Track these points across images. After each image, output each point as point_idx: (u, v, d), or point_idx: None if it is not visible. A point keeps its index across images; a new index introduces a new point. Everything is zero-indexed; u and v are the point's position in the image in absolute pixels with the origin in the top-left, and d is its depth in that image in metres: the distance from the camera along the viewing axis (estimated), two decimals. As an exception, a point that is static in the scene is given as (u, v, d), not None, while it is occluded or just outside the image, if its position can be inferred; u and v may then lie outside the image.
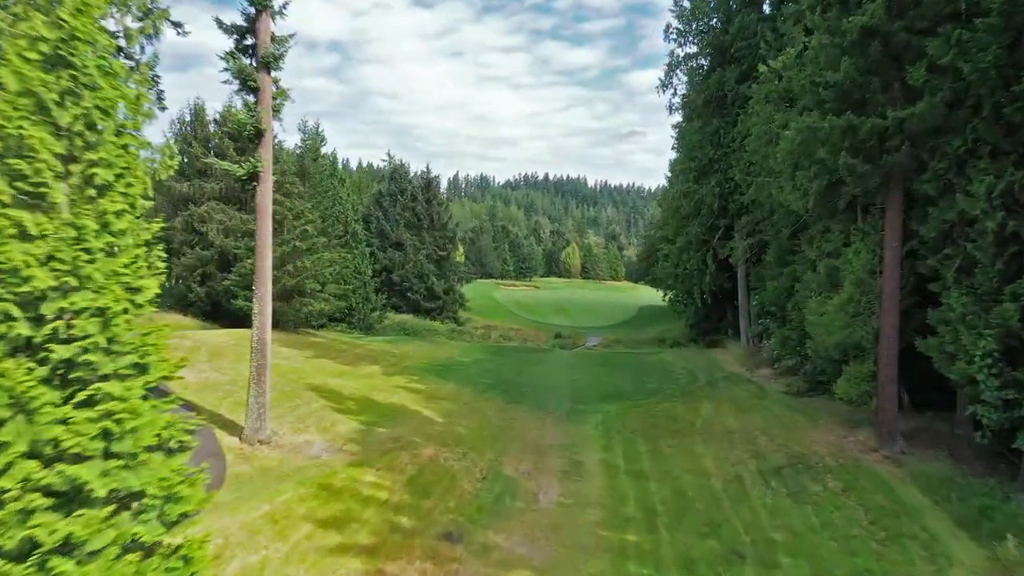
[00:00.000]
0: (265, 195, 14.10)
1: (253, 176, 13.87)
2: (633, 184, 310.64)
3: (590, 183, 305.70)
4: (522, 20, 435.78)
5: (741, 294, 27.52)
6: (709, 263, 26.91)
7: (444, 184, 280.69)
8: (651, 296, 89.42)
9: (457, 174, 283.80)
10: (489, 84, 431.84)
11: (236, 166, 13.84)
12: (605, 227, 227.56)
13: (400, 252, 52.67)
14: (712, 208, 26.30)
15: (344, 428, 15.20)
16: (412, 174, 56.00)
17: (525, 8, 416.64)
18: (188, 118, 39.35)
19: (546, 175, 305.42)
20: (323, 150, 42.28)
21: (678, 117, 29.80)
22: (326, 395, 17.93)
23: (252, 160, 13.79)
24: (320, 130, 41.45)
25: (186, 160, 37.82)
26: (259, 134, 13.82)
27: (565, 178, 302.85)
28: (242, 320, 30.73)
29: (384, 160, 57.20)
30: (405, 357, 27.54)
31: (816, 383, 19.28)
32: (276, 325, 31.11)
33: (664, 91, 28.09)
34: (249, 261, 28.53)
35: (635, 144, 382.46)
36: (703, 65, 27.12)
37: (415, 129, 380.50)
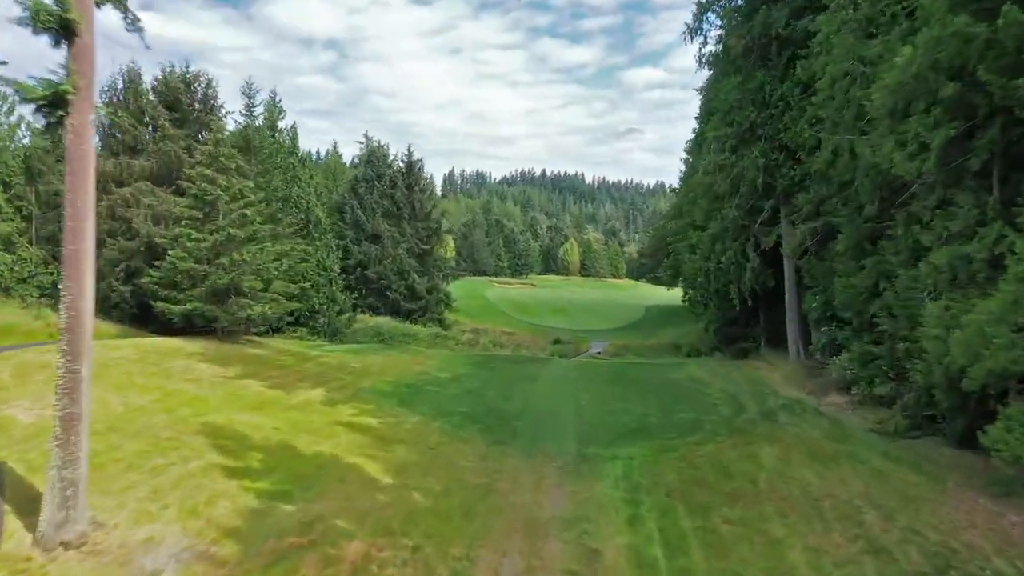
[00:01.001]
0: (81, 135, 8.75)
1: (57, 102, 8.52)
2: (631, 181, 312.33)
3: (588, 179, 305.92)
4: (519, 17, 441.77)
5: (790, 294, 22.34)
6: (750, 254, 21.71)
7: (439, 180, 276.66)
8: (658, 295, 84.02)
9: (453, 170, 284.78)
10: (487, 82, 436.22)
11: (28, 84, 8.49)
12: (604, 223, 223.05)
13: (377, 245, 47.36)
14: (755, 184, 21.08)
15: (226, 508, 9.88)
16: (392, 157, 50.59)
17: (522, 5, 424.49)
18: (120, 85, 33.81)
19: (543, 171, 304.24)
20: (282, 124, 36.91)
21: (703, 81, 24.69)
22: (224, 443, 12.60)
23: (57, 80, 8.47)
24: (278, 101, 36.07)
25: (116, 134, 32.46)
26: (66, 30, 8.47)
27: (562, 174, 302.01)
28: (170, 327, 25.37)
29: (360, 142, 51.85)
30: (365, 374, 22.25)
31: (923, 420, 14.09)
32: (208, 333, 25.84)
33: (692, 39, 22.82)
34: (171, 253, 23.22)
35: (633, 142, 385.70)
36: (741, 4, 21.88)
37: (413, 127, 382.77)
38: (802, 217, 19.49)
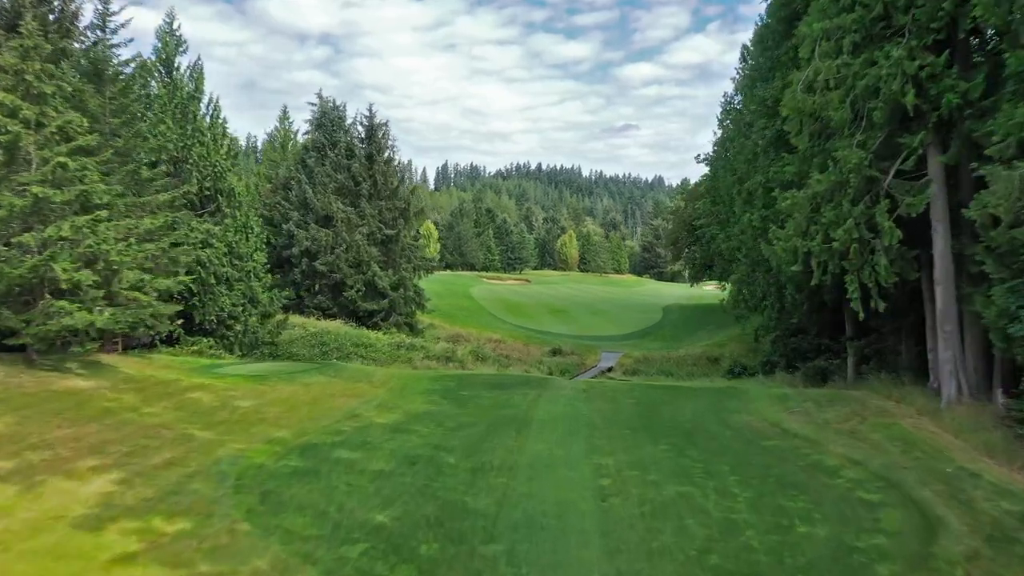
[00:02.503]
0: None
1: None
2: (629, 175, 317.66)
3: (584, 173, 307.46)
4: (515, 12, 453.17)
5: (945, 291, 14.05)
6: (884, 225, 13.37)
7: (432, 174, 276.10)
8: (673, 293, 75.58)
9: (447, 163, 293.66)
10: (482, 77, 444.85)
11: None
12: (603, 216, 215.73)
13: (329, 230, 38.78)
14: (897, 104, 12.75)
15: None
16: (350, 120, 41.95)
17: (518, 0, 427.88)
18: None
19: (539, 165, 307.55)
20: (182, 61, 28.17)
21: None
22: None
23: None
24: (176, 29, 27.29)
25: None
26: None
27: (559, 168, 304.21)
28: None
29: (312, 103, 43.18)
30: (246, 424, 13.87)
31: None
32: (14, 350, 17.21)
33: None
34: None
35: (628, 138, 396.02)
36: None
37: (407, 123, 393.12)
38: (1005, 154, 11.12)
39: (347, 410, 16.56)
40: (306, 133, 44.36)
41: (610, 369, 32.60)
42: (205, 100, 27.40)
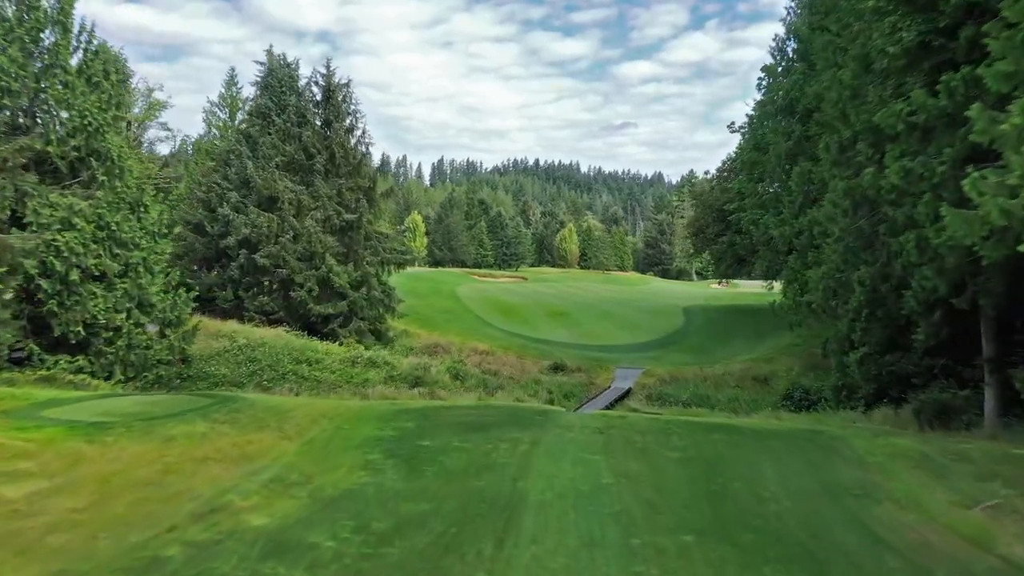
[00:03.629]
0: None
1: None
2: (628, 171, 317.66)
3: (583, 169, 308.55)
4: (512, 10, 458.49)
5: None
6: None
7: (428, 170, 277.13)
8: (690, 292, 68.60)
9: (442, 158, 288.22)
10: (479, 75, 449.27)
11: None
12: (603, 212, 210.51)
13: (273, 214, 31.99)
14: None
15: None
16: (304, 81, 35.05)
17: None
18: None
19: (536, 161, 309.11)
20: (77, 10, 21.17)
21: None
22: None
23: None
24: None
25: None
26: None
27: (557, 163, 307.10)
28: None
29: (260, 62, 36.17)
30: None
31: None
32: None
33: None
34: None
35: (626, 136, 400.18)
36: None
37: (405, 121, 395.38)
38: None
39: (209, 496, 9.65)
40: (251, 99, 37.42)
41: (628, 393, 25.95)
42: (77, 28, 20.46)
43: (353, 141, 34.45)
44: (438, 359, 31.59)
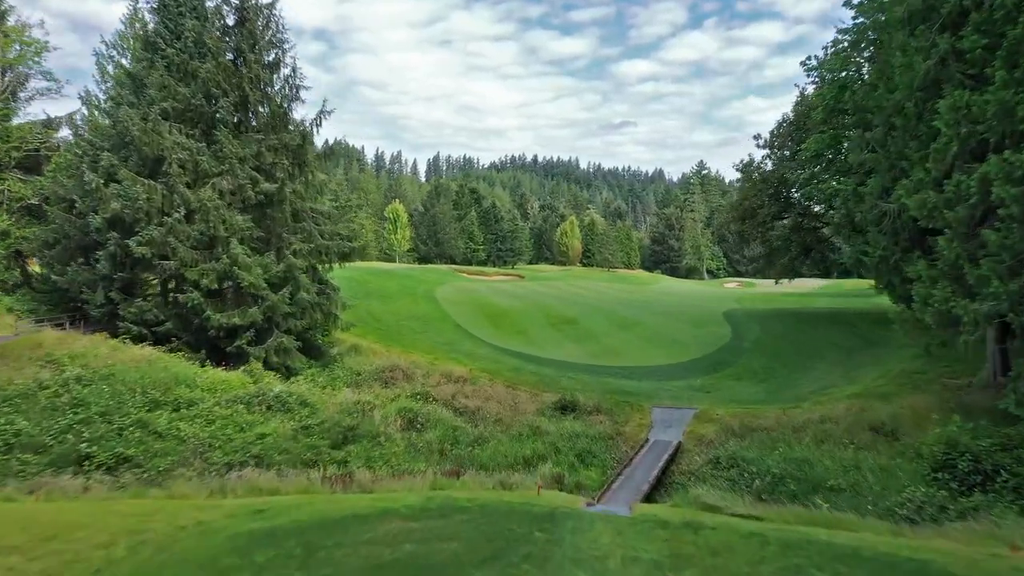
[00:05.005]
0: None
1: None
2: (628, 167, 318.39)
3: (583, 165, 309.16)
4: (511, 8, 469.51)
5: None
6: None
7: (423, 166, 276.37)
8: (717, 294, 59.10)
9: (438, 154, 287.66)
10: (477, 74, 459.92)
11: None
12: (604, 208, 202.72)
13: (158, 182, 23.11)
14: None
15: None
16: (213, 3, 25.85)
17: None
18: None
19: (535, 157, 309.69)
20: None
21: None
22: None
23: None
24: None
25: None
26: None
27: (555, 160, 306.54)
28: None
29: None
30: None
31: None
32: None
33: None
34: None
35: (625, 135, 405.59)
36: None
37: (402, 120, 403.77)
38: None
39: None
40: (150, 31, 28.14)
41: (678, 451, 16.96)
42: None
43: (278, 84, 25.32)
44: (392, 392, 22.54)
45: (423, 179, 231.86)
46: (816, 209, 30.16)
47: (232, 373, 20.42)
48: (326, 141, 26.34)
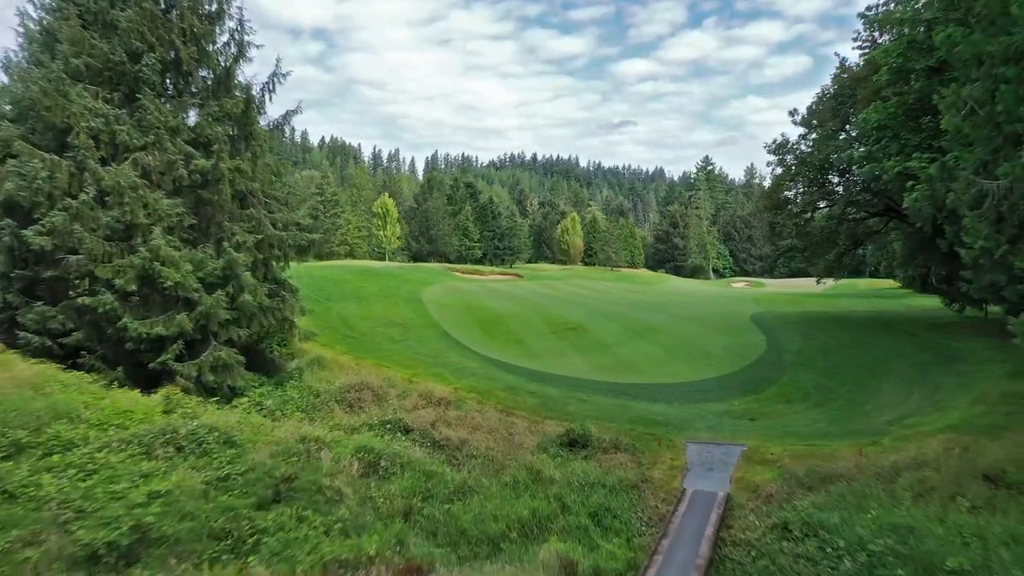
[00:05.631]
0: None
1: None
2: (629, 166, 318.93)
3: (582, 164, 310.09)
4: (510, 7, 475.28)
5: None
6: None
7: (421, 164, 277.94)
8: (732, 294, 54.66)
9: (436, 153, 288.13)
10: (476, 73, 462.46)
11: None
12: (605, 206, 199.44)
13: (64, 158, 18.76)
14: None
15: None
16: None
17: None
18: None
19: (534, 155, 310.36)
20: None
21: None
22: None
23: None
24: None
25: None
26: None
27: (555, 158, 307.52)
28: None
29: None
30: None
31: None
32: None
33: None
34: None
35: (624, 135, 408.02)
36: None
37: (401, 119, 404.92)
38: None
39: None
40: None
41: (727, 507, 12.70)
42: None
43: (221, 40, 21.00)
44: (355, 419, 18.27)
45: (420, 177, 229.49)
46: (865, 194, 25.83)
47: (144, 400, 16.10)
48: (286, 115, 21.80)
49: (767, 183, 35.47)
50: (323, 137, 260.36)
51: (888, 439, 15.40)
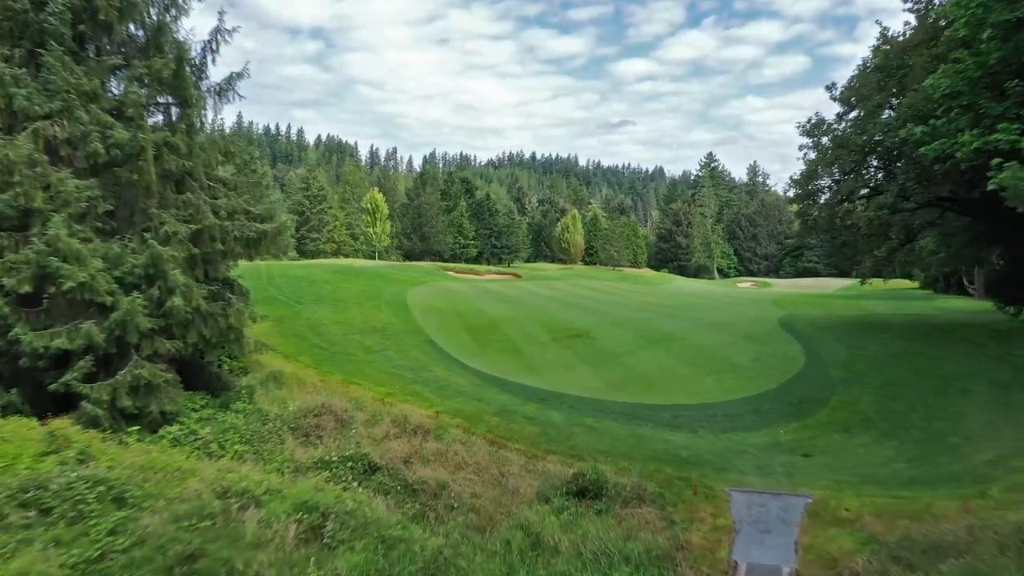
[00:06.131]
0: None
1: None
2: (628, 165, 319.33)
3: (582, 162, 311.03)
4: (509, 6, 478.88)
5: None
6: None
7: (418, 162, 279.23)
8: (747, 296, 51.17)
9: (434, 151, 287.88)
10: (475, 72, 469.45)
11: None
12: (606, 204, 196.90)
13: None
14: None
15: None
16: None
17: None
18: None
19: (533, 154, 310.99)
20: None
21: None
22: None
23: None
24: None
25: None
26: None
27: (554, 157, 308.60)
28: None
29: None
30: None
31: None
32: None
33: None
34: None
35: (623, 135, 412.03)
36: None
37: (399, 118, 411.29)
38: None
39: None
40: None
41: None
42: None
43: (153, -15, 17.43)
44: (308, 454, 14.75)
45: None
46: (916, 181, 22.25)
47: (22, 435, 12.54)
48: (230, 80, 18.15)
49: (770, 182, 31.93)
50: (319, 135, 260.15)
51: (997, 489, 11.89)
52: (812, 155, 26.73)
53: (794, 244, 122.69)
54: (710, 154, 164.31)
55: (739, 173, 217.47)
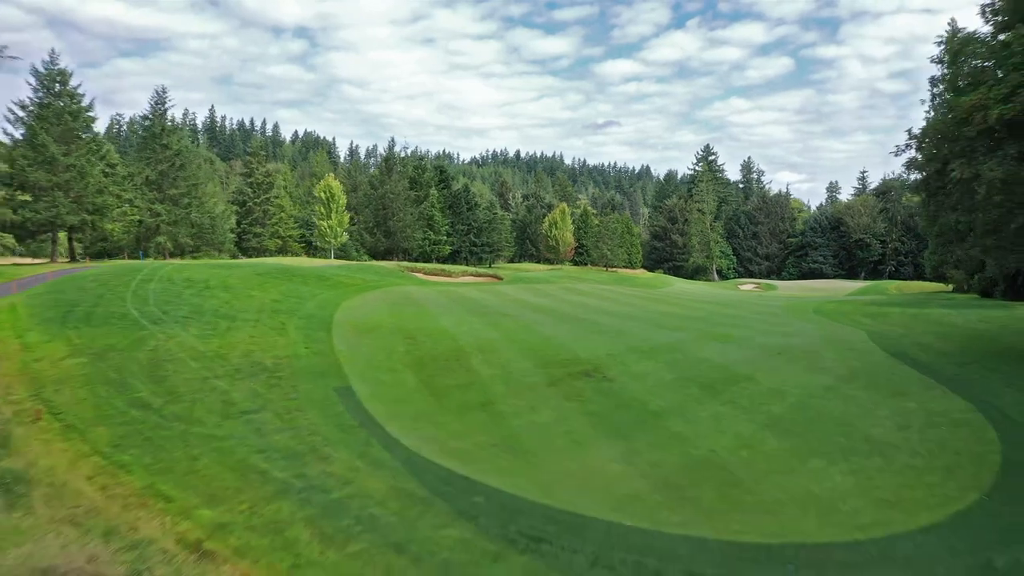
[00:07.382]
0: None
1: None
2: (615, 163, 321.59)
3: (567, 161, 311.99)
4: (493, 6, 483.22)
5: None
6: None
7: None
8: (793, 306, 41.71)
9: (416, 148, 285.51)
10: (459, 72, 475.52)
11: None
12: (593, 202, 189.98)
13: None
14: None
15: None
16: None
17: None
18: None
19: (517, 152, 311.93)
20: None
21: None
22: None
23: None
24: None
25: None
26: None
27: (539, 155, 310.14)
28: None
29: None
30: None
31: None
32: None
33: None
34: None
35: (608, 136, 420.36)
36: None
37: (383, 118, 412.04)
38: None
39: None
40: None
41: None
42: None
43: None
44: None
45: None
46: None
47: None
48: None
49: (772, 180, 23.09)
50: (296, 131, 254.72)
51: None
52: (962, 83, 17.52)
53: (915, 234, 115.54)
54: (707, 147, 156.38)
55: (729, 173, 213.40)
